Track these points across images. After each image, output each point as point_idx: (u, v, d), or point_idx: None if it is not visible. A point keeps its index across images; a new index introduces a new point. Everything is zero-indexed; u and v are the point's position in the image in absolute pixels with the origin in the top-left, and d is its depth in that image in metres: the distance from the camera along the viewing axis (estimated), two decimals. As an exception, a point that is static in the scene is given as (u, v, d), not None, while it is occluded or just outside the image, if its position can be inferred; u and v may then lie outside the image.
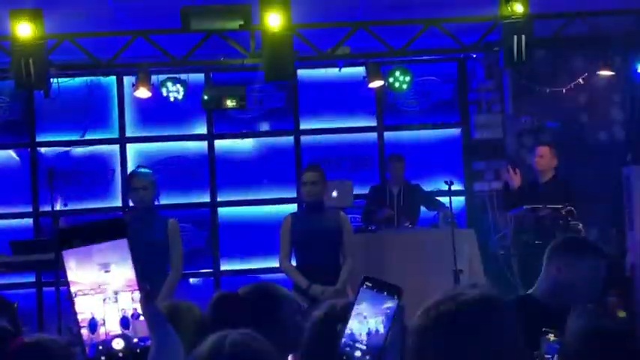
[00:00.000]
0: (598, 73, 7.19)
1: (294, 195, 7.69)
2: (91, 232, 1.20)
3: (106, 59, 6.79)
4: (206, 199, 8.36)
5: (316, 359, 1.98)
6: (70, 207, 7.92)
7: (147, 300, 1.20)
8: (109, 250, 1.18)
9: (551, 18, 6.66)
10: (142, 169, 5.46)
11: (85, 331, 1.15)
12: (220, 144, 8.40)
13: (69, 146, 8.22)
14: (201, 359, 1.52)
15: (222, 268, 8.17)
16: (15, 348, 1.49)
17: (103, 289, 1.16)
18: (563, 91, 7.46)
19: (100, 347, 1.14)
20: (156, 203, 5.33)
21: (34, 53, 5.84)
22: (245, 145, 8.45)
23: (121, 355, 1.13)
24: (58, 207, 7.55)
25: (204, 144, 8.38)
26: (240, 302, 2.44)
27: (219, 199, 8.37)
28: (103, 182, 8.25)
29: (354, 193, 7.22)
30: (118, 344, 1.13)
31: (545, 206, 5.90)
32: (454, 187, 6.73)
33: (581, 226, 5.95)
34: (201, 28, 6.06)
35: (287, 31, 5.99)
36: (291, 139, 8.45)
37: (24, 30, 5.78)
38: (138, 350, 1.15)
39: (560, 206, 5.95)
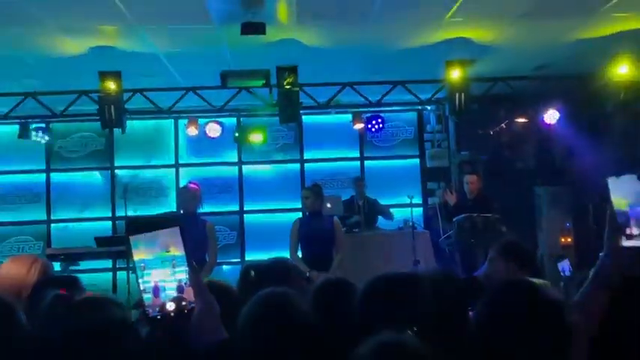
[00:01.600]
0: (515, 120, 7.22)
1: (300, 206, 7.67)
2: (152, 223, 1.18)
3: (166, 107, 6.80)
4: (236, 208, 8.33)
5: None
6: (139, 213, 7.91)
7: (194, 273, 1.17)
8: (167, 235, 1.16)
9: (482, 81, 6.66)
10: (189, 185, 5.43)
11: (150, 296, 1.13)
12: (247, 168, 8.40)
13: (138, 169, 8.23)
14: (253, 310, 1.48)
15: (247, 258, 8.10)
16: (82, 299, 1.44)
17: (165, 263, 1.14)
18: (491, 132, 7.48)
19: (158, 309, 1.11)
20: (199, 210, 5.29)
21: (115, 102, 5.85)
22: (265, 169, 8.45)
23: (172, 314, 1.10)
24: (129, 213, 7.54)
25: (235, 168, 8.37)
26: (262, 269, 2.42)
27: (245, 208, 8.35)
28: (162, 195, 8.23)
29: (342, 204, 7.17)
30: (171, 306, 1.11)
31: (478, 214, 5.86)
32: (414, 201, 6.73)
33: (504, 228, 5.90)
34: (234, 85, 6.07)
35: (295, 88, 5.99)
36: (297, 165, 8.44)
37: (108, 85, 5.80)
38: (186, 311, 1.12)
39: (490, 215, 5.91)
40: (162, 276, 1.12)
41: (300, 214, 7.31)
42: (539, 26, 5.42)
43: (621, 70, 6.05)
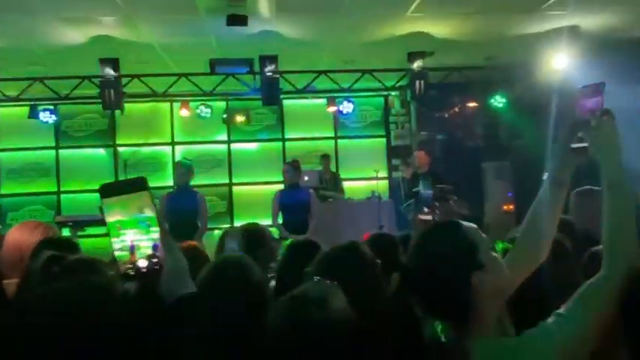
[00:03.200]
0: (467, 104, 7.23)
1: (281, 179, 7.62)
2: (122, 186, 1.10)
3: (161, 91, 6.62)
4: (226, 181, 8.24)
5: (285, 271, 1.96)
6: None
7: (164, 234, 1.12)
8: (140, 198, 1.09)
9: (438, 71, 6.62)
10: (183, 160, 5.33)
11: (126, 254, 1.07)
12: (235, 146, 8.27)
13: (138, 147, 8.06)
14: (207, 274, 1.44)
15: (235, 224, 8.06)
16: (72, 260, 1.39)
17: (140, 224, 1.09)
18: (446, 115, 7.48)
19: (130, 265, 1.07)
20: (191, 183, 5.21)
21: (114, 86, 5.67)
22: (251, 147, 8.34)
23: (144, 270, 1.06)
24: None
25: (225, 146, 8.24)
26: (239, 232, 2.40)
27: (234, 181, 8.26)
28: (160, 170, 8.08)
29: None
30: (143, 263, 1.06)
31: (434, 185, 5.88)
32: (381, 175, 6.74)
33: (456, 198, 5.96)
34: (222, 72, 5.93)
35: (276, 75, 5.88)
36: (280, 144, 8.34)
37: (107, 71, 5.61)
38: (157, 267, 1.08)
39: (443, 186, 5.95)
40: (137, 236, 1.07)
41: (282, 187, 7.34)
42: (488, 22, 5.39)
43: (557, 60, 6.07)
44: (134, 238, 1.08)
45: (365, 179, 7.44)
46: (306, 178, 6.53)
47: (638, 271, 1.11)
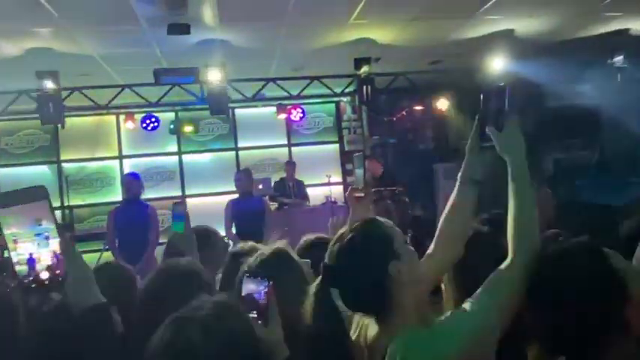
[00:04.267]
0: (414, 108, 7.42)
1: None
2: (18, 196, 1.06)
3: (105, 104, 6.44)
4: (179, 193, 8.08)
5: (229, 276, 1.94)
6: (87, 202, 7.54)
7: (64, 243, 1.08)
8: (37, 208, 1.05)
9: (385, 75, 6.76)
10: (131, 173, 5.20)
11: (25, 267, 1.03)
12: (186, 158, 8.15)
13: (84, 162, 7.79)
14: (151, 279, 1.41)
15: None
16: None
17: (38, 236, 1.05)
18: (394, 119, 7.65)
19: (31, 278, 1.03)
20: (141, 196, 5.08)
21: (53, 100, 5.46)
22: (203, 158, 8.23)
23: (46, 282, 1.02)
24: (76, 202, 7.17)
25: (176, 158, 8.11)
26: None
27: (187, 193, 8.13)
28: (107, 185, 7.84)
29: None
30: (45, 275, 1.03)
31: (385, 189, 6.00)
32: (334, 180, 6.79)
33: (407, 199, 6.10)
34: (167, 82, 5.84)
35: (222, 83, 5.84)
36: (233, 153, 8.28)
37: (45, 84, 5.40)
38: (59, 279, 1.05)
39: (394, 188, 6.08)
40: (36, 248, 1.04)
41: (237, 196, 7.29)
42: (429, 27, 5.57)
43: (496, 63, 6.34)
44: (32, 251, 1.04)
45: (319, 185, 7.49)
46: (260, 187, 6.52)
47: (541, 258, 1.18)
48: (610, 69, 6.51)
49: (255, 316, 1.14)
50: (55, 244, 1.05)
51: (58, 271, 1.03)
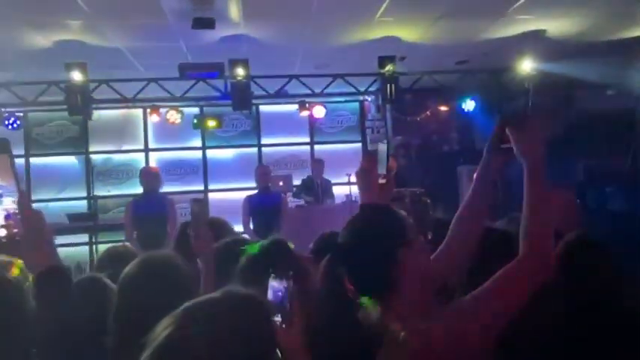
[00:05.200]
0: (439, 108, 7.31)
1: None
2: None
3: (131, 97, 6.57)
4: (201, 187, 8.18)
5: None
6: (112, 193, 7.74)
7: (22, 200, 1.03)
8: None
9: (410, 75, 6.67)
10: (150, 166, 5.28)
11: None
12: (210, 153, 8.24)
13: (111, 154, 7.97)
14: (130, 270, 1.39)
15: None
16: None
17: None
18: (418, 119, 7.56)
19: None
20: (160, 189, 5.14)
21: (81, 92, 5.60)
22: (226, 154, 8.30)
23: (4, 240, 0.99)
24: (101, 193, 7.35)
25: (200, 152, 8.21)
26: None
27: (209, 188, 8.21)
28: (134, 177, 7.96)
29: (294, 183, 7.13)
30: (2, 232, 1.00)
31: (406, 189, 5.93)
32: (353, 179, 6.72)
33: (429, 200, 6.01)
34: (192, 77, 5.91)
35: (246, 79, 5.88)
36: (256, 150, 8.33)
37: (74, 76, 5.54)
38: (17, 238, 1.02)
39: (416, 189, 6.00)
40: None
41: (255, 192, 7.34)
42: (456, 26, 5.47)
43: (525, 65, 6.18)
44: None
45: (341, 184, 7.45)
46: (280, 184, 6.54)
47: (553, 256, 1.17)
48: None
49: (280, 319, 1.06)
50: (9, 202, 1.02)
51: (15, 230, 1.00)
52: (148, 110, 7.12)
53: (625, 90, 6.72)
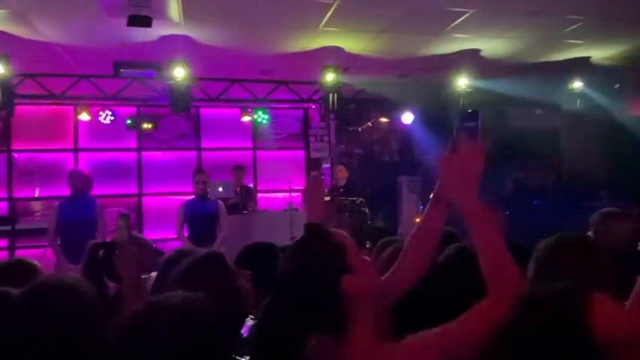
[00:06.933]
0: (381, 119, 7.50)
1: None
2: None
3: (60, 93, 6.22)
4: (135, 190, 7.88)
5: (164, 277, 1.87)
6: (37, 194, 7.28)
7: None
8: None
9: (352, 85, 6.77)
10: (78, 168, 5.03)
11: None
12: (146, 155, 7.96)
13: (37, 152, 7.48)
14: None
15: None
16: None
17: None
18: (359, 129, 7.72)
19: None
20: (89, 192, 4.91)
21: (3, 85, 5.22)
22: (163, 155, 8.03)
23: None
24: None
25: (135, 154, 7.92)
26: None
27: (144, 191, 7.94)
28: (61, 178, 7.57)
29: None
30: None
31: (346, 198, 6.03)
32: (299, 187, 6.76)
33: (367, 210, 6.13)
34: (126, 76, 5.69)
35: (186, 81, 5.75)
36: (195, 153, 8.16)
37: (-6, 69, 5.18)
38: None
39: (355, 198, 6.11)
40: None
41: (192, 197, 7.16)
42: (397, 41, 5.65)
43: (461, 82, 6.48)
44: None
45: (283, 191, 7.44)
46: (220, 189, 6.43)
47: (522, 299, 1.16)
48: (570, 94, 6.76)
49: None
50: None
51: None
52: (78, 108, 6.77)
53: (552, 109, 7.22)
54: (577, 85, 6.73)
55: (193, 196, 5.41)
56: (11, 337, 1.15)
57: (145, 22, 4.17)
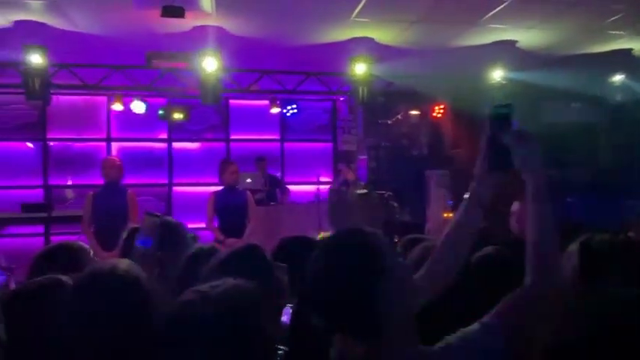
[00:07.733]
0: (411, 112, 7.38)
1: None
2: None
3: (93, 84, 6.34)
4: (165, 180, 8.00)
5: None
6: (71, 182, 7.46)
7: None
8: None
9: (384, 78, 6.67)
10: (111, 156, 5.12)
11: None
12: (176, 145, 8.06)
13: (70, 141, 7.67)
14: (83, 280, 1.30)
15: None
16: None
17: None
18: (389, 122, 7.62)
19: None
20: (121, 181, 5.00)
21: (40, 75, 5.34)
22: (193, 146, 8.13)
23: None
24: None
25: (165, 144, 8.02)
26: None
27: (173, 181, 8.05)
28: (94, 167, 7.73)
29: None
30: None
31: (375, 192, 5.97)
32: (327, 179, 6.75)
33: (395, 204, 6.06)
34: (158, 67, 5.74)
35: (216, 72, 5.76)
36: (224, 144, 8.20)
37: (32, 59, 5.29)
38: None
39: (384, 192, 6.04)
40: None
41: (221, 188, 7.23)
42: (430, 32, 5.53)
43: (495, 74, 6.31)
44: None
45: (310, 184, 7.43)
46: (248, 180, 6.47)
47: (560, 284, 1.15)
48: (611, 87, 6.51)
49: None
50: None
51: None
52: (112, 98, 6.89)
53: (589, 103, 6.96)
54: (618, 78, 6.48)
55: (222, 187, 5.44)
56: (67, 326, 1.14)
57: (179, 12, 4.19)
